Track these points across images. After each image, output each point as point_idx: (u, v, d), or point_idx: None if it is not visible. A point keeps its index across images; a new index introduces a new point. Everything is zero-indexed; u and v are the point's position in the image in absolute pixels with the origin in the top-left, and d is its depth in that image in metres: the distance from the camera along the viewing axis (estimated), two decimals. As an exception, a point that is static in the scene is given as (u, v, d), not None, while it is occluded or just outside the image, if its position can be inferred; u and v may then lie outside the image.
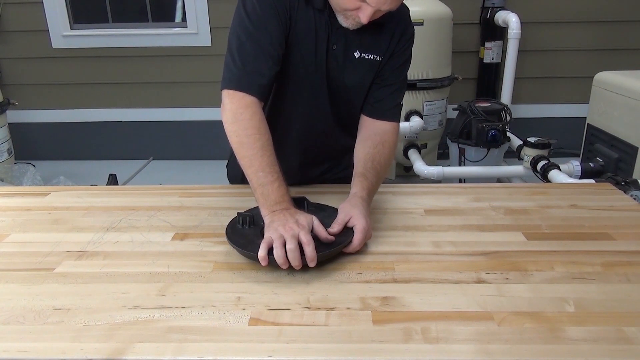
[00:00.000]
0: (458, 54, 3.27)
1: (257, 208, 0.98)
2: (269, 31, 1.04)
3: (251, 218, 0.99)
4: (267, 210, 0.94)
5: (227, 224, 1.00)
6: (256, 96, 1.03)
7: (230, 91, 1.04)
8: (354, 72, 1.15)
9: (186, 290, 0.84)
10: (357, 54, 1.13)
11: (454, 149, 2.82)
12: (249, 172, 0.98)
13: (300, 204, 1.02)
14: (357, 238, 0.94)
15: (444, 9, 2.96)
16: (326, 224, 0.94)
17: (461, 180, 2.76)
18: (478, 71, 3.45)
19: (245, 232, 0.97)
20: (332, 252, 0.91)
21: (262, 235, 0.91)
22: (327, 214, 1.01)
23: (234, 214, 1.02)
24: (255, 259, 0.87)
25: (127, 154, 3.75)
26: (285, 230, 0.87)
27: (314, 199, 1.08)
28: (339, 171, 1.33)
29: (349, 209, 0.98)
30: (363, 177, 1.08)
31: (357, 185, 1.06)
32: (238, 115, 1.01)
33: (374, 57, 1.14)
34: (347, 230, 0.95)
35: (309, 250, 0.86)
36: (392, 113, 1.19)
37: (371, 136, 1.16)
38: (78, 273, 0.90)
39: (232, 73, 1.04)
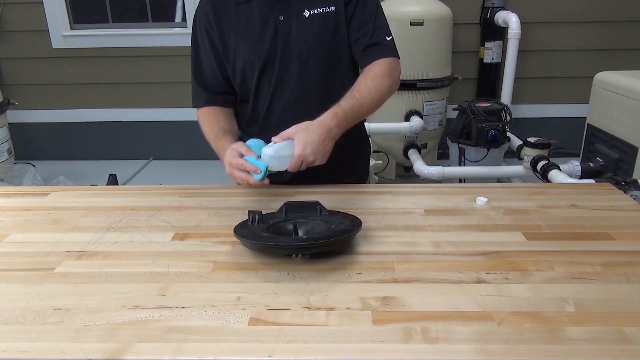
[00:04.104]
0: (458, 54, 3.27)
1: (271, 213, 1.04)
2: (203, 50, 1.27)
3: (260, 215, 1.01)
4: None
5: (226, 223, 1.00)
6: (205, 106, 1.31)
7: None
8: (311, 30, 1.19)
9: (186, 290, 0.84)
10: (306, 13, 1.18)
11: (454, 149, 2.82)
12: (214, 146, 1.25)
13: (313, 208, 1.03)
14: (291, 163, 1.04)
15: (444, 9, 2.96)
16: (337, 229, 0.95)
17: (461, 180, 2.76)
18: (478, 71, 3.45)
19: (252, 228, 0.98)
20: (327, 242, 0.92)
21: (267, 232, 0.95)
22: (338, 218, 1.01)
23: (233, 214, 1.02)
24: (260, 248, 0.91)
25: (127, 154, 3.75)
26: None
27: (313, 198, 1.08)
28: (336, 175, 1.31)
29: (296, 131, 1.04)
30: (337, 105, 1.12)
31: (330, 109, 1.10)
32: (201, 125, 1.30)
33: (324, 9, 1.19)
34: (348, 225, 0.96)
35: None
36: (378, 52, 1.21)
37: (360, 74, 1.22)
38: (78, 273, 0.90)
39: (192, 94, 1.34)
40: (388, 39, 1.22)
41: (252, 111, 1.29)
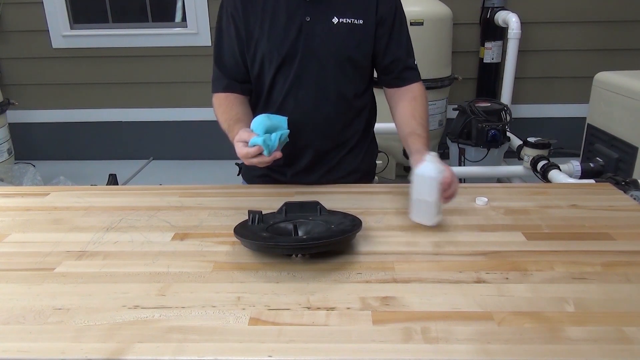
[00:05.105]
0: (458, 54, 3.27)
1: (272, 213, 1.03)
2: (227, 37, 1.25)
3: (260, 215, 1.01)
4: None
5: (226, 223, 1.00)
6: (224, 92, 1.30)
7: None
8: (335, 37, 1.20)
9: (186, 290, 0.84)
10: (335, 20, 1.18)
11: (454, 149, 2.82)
12: (229, 135, 1.20)
13: (313, 208, 1.04)
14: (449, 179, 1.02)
15: (444, 9, 2.96)
16: (337, 229, 0.95)
17: (461, 180, 2.76)
18: (478, 71, 3.45)
19: (252, 228, 0.98)
20: (327, 242, 0.92)
21: (267, 232, 0.95)
22: (338, 218, 1.01)
23: (233, 214, 1.02)
24: (260, 248, 0.91)
25: (127, 154, 3.75)
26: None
27: (314, 199, 1.08)
28: (339, 177, 1.32)
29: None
30: (415, 134, 1.18)
31: (416, 143, 1.16)
32: (215, 111, 1.29)
33: (353, 20, 1.19)
34: (348, 225, 0.96)
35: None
36: (412, 76, 1.29)
37: (402, 97, 1.27)
38: (78, 273, 0.90)
39: (212, 80, 1.33)
40: (415, 63, 1.30)
41: (264, 107, 1.28)
